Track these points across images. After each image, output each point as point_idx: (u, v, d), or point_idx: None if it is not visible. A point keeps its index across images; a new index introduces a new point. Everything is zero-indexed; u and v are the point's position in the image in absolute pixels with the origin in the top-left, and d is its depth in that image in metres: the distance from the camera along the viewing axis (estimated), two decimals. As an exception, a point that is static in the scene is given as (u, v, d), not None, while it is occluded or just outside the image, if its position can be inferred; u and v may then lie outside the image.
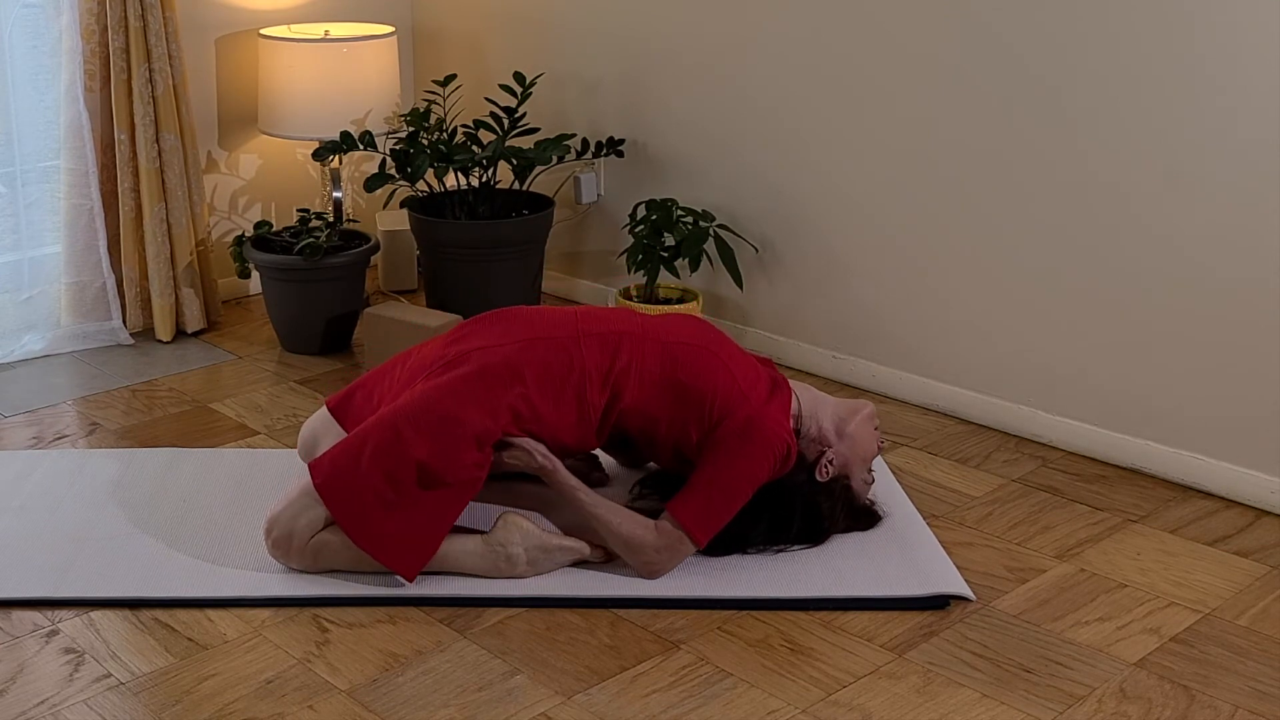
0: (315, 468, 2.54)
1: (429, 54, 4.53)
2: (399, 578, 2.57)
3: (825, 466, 2.71)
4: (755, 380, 2.70)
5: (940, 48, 3.29)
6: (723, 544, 2.67)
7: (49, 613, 2.53)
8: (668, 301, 3.79)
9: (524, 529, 2.60)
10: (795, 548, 2.72)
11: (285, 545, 2.57)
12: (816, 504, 2.71)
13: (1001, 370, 3.33)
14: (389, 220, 4.35)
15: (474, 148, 3.88)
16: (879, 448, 2.80)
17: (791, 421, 2.72)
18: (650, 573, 2.60)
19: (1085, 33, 3.02)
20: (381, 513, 2.51)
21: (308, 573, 2.60)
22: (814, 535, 2.73)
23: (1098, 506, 2.97)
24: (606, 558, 2.66)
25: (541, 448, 2.62)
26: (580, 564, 2.65)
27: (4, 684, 2.32)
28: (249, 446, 3.24)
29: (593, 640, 2.46)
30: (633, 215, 3.82)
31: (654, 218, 3.74)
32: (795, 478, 2.71)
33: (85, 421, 3.38)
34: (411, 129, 3.89)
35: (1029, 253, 3.22)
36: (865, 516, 2.81)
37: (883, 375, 3.55)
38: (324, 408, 2.85)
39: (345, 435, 2.79)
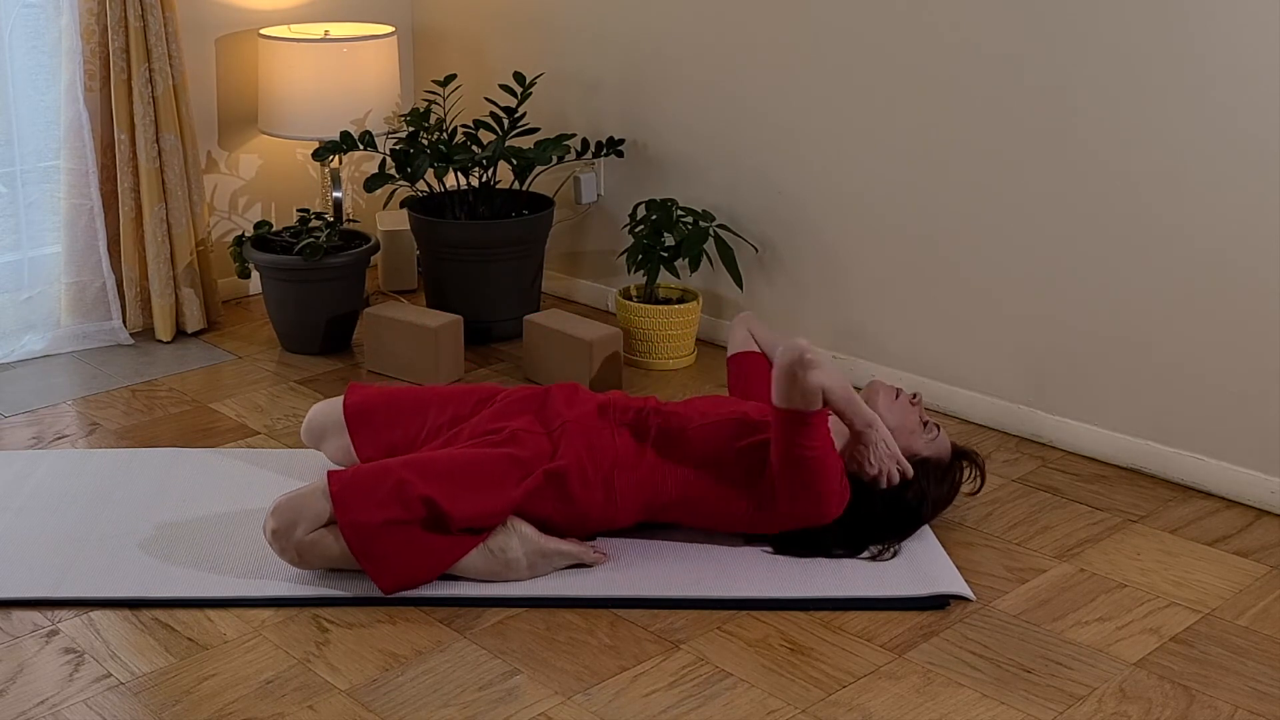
0: (335, 475, 2.55)
1: (429, 54, 4.53)
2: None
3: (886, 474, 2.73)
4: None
5: (940, 48, 3.28)
6: (832, 545, 2.71)
7: (49, 613, 2.53)
8: (667, 301, 3.79)
9: (524, 534, 2.60)
10: (901, 542, 2.74)
11: (286, 534, 2.54)
12: (900, 500, 2.72)
13: (1001, 370, 3.33)
14: (389, 220, 4.35)
15: (474, 148, 3.88)
16: (913, 404, 2.81)
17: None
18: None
19: (1085, 31, 3.02)
20: (383, 529, 2.51)
21: (299, 567, 2.58)
22: (913, 522, 2.75)
23: (1098, 506, 2.97)
24: (603, 561, 2.66)
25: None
26: (578, 566, 2.66)
27: (4, 684, 2.32)
28: (249, 446, 3.24)
29: (593, 640, 2.46)
30: (633, 215, 3.82)
31: (654, 218, 3.74)
32: (872, 495, 2.71)
33: (85, 421, 3.38)
34: (411, 129, 3.89)
35: (1029, 253, 3.22)
36: (956, 468, 2.81)
37: (882, 375, 3.54)
38: (340, 403, 2.86)
39: (350, 442, 2.81)
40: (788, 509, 2.64)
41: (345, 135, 3.82)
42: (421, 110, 3.93)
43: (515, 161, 3.86)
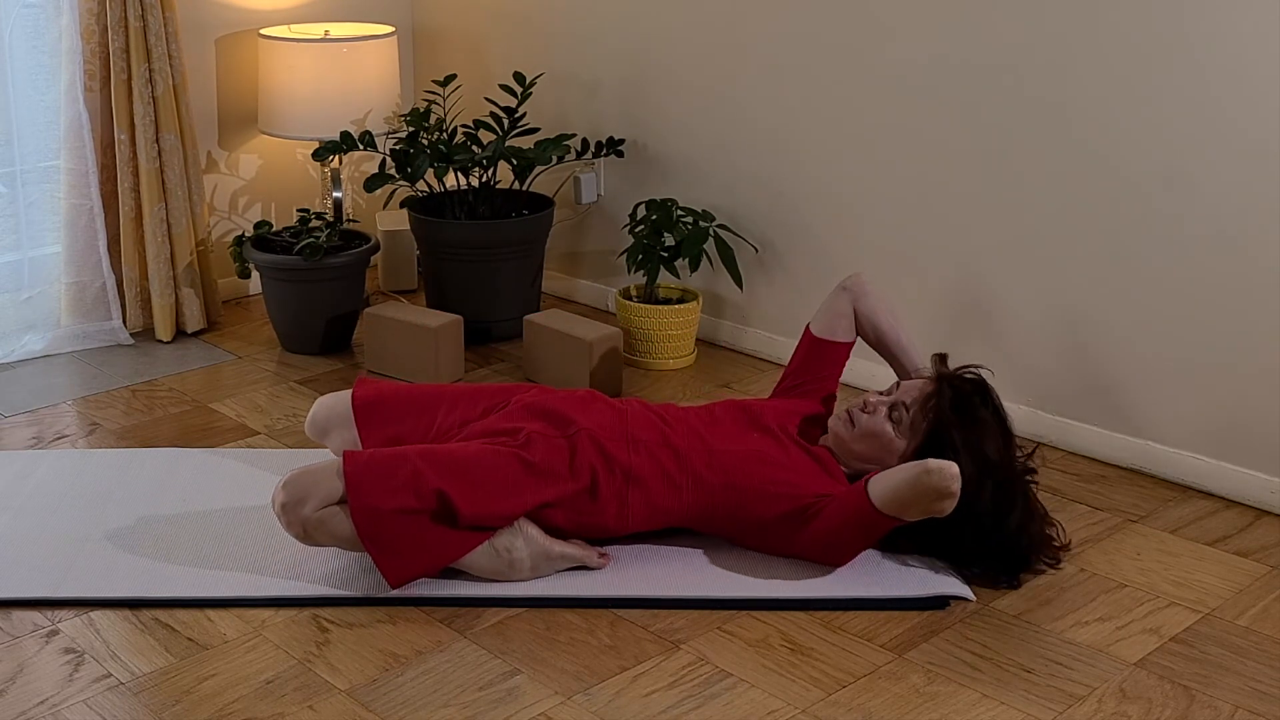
0: (350, 456, 2.53)
1: (429, 54, 4.54)
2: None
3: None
4: (807, 467, 2.73)
5: (939, 49, 3.28)
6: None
7: (49, 613, 2.53)
8: (667, 302, 3.79)
9: (529, 535, 2.60)
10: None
11: (296, 508, 2.50)
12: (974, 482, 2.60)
13: (1000, 370, 3.33)
14: (389, 220, 4.35)
15: (474, 148, 3.88)
16: (868, 411, 2.72)
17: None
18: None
19: (1080, 34, 3.02)
20: (394, 518, 2.50)
21: (304, 543, 2.55)
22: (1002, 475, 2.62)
23: (1098, 506, 2.97)
24: (607, 564, 2.66)
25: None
26: (580, 568, 2.66)
27: (4, 684, 2.32)
28: (249, 446, 3.24)
29: (593, 640, 2.46)
30: (633, 215, 3.82)
31: (654, 218, 3.74)
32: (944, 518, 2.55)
33: (85, 421, 3.38)
34: (411, 129, 3.89)
35: (1028, 253, 3.22)
36: (941, 392, 2.68)
37: (881, 375, 3.53)
38: (348, 396, 2.86)
39: (357, 435, 2.81)
40: (809, 553, 2.65)
41: (345, 135, 3.82)
42: (421, 110, 3.93)
43: (515, 161, 3.86)
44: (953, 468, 2.42)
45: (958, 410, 2.64)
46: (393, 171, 3.84)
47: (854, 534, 2.58)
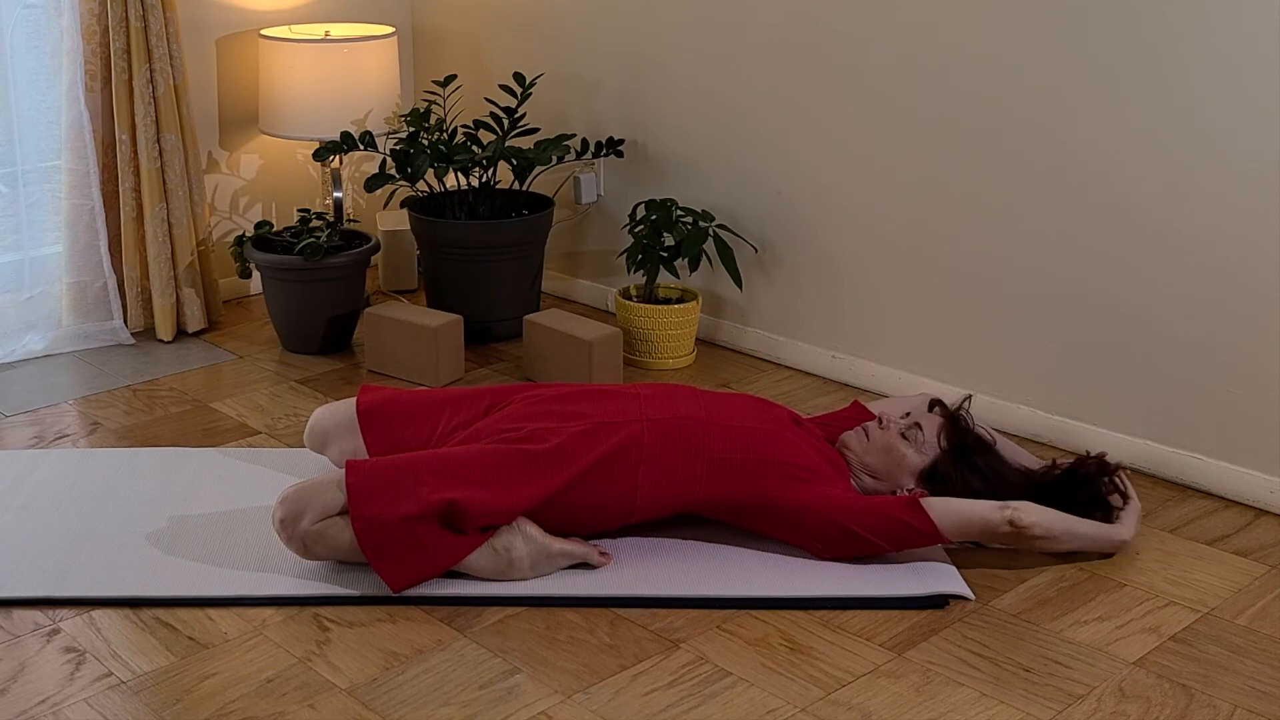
0: (353, 466, 2.55)
1: (429, 54, 4.54)
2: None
3: (915, 488, 2.75)
4: (821, 464, 2.74)
5: (940, 49, 3.29)
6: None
7: (50, 612, 2.53)
8: (667, 301, 3.80)
9: (528, 533, 2.60)
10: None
11: (293, 523, 2.53)
12: (968, 475, 2.74)
13: (1001, 370, 3.33)
14: (389, 220, 4.35)
15: (474, 148, 3.89)
16: (885, 429, 2.80)
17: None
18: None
19: (1081, 33, 3.03)
20: (396, 526, 2.50)
21: (304, 558, 2.58)
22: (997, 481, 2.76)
23: (1097, 506, 2.97)
24: (608, 562, 2.66)
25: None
26: (580, 566, 2.66)
27: (5, 683, 2.32)
28: (250, 446, 3.24)
29: (592, 639, 2.46)
30: (632, 215, 3.83)
31: (654, 218, 3.74)
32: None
33: (86, 421, 3.38)
34: (411, 129, 3.90)
35: (1027, 252, 3.23)
36: (958, 427, 2.81)
37: (881, 375, 3.55)
38: (350, 405, 2.87)
39: (361, 442, 2.82)
40: (820, 542, 2.67)
41: (345, 135, 3.82)
42: (421, 110, 3.94)
43: (515, 161, 3.87)
44: (1029, 515, 2.60)
45: (976, 439, 2.81)
46: (393, 171, 3.84)
47: (889, 544, 2.63)
